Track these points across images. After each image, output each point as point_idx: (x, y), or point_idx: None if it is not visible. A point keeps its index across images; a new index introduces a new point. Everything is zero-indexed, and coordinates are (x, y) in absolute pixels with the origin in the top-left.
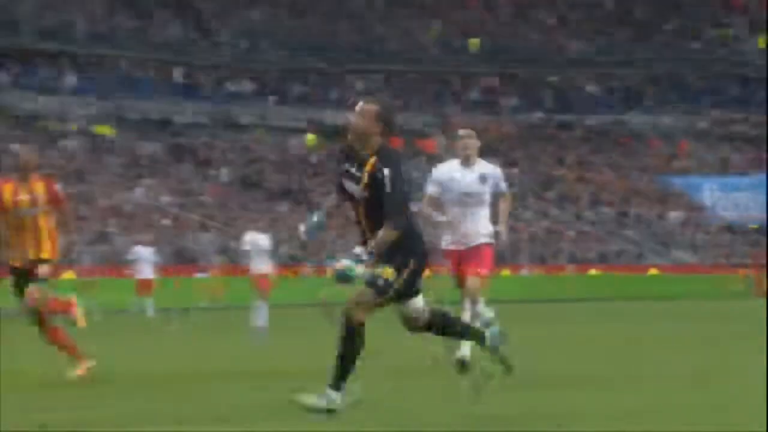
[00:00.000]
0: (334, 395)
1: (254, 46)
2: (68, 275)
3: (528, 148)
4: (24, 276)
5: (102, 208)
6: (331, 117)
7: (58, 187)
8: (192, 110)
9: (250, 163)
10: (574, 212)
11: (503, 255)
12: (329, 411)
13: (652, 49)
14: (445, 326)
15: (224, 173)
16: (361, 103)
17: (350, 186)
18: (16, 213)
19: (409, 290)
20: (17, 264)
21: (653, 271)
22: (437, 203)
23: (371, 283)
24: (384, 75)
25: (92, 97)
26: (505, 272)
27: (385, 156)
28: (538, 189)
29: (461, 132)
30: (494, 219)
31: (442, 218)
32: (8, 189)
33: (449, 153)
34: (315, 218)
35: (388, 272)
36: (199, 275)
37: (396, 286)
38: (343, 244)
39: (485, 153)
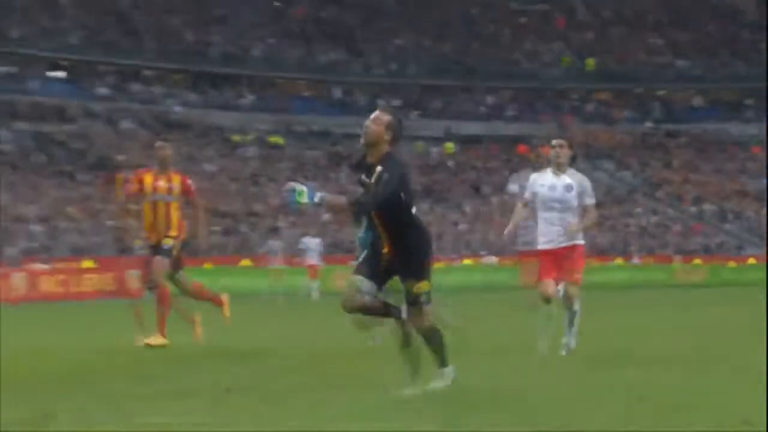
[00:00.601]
0: (449, 369)
1: (401, 67)
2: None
3: (639, 154)
4: (156, 253)
5: (274, 207)
6: (466, 128)
7: (190, 182)
8: (348, 123)
9: None
10: (680, 209)
11: (616, 247)
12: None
13: (750, 66)
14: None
15: None
16: (377, 112)
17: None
18: (153, 198)
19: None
20: (153, 242)
21: (752, 261)
22: (530, 207)
23: (416, 301)
24: (512, 91)
25: (266, 113)
26: (618, 261)
27: (388, 162)
28: (648, 189)
29: (554, 142)
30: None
31: (520, 218)
32: (149, 177)
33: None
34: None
35: (425, 286)
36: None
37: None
38: None
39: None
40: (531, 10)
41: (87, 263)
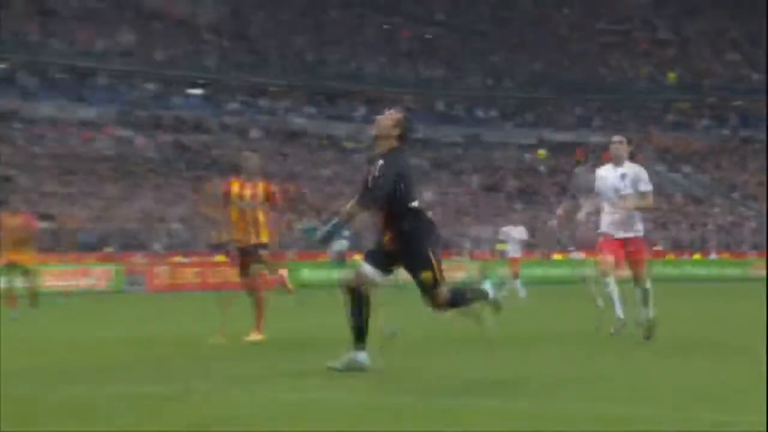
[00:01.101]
0: (492, 296)
1: (497, 81)
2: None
3: (716, 159)
4: (247, 256)
5: None
6: (557, 136)
7: (274, 188)
8: (449, 132)
9: (493, 171)
10: (755, 208)
11: (694, 243)
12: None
13: None
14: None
15: (474, 180)
16: (390, 110)
17: (375, 169)
18: (240, 204)
19: (442, 274)
20: (241, 246)
21: None
22: (597, 197)
23: (425, 287)
24: (599, 103)
25: None
26: (697, 256)
27: (390, 157)
28: (725, 191)
29: (613, 138)
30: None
31: (587, 209)
32: (236, 185)
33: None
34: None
35: (428, 275)
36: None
37: (438, 278)
38: None
39: (681, 162)
40: (615, 30)
41: (220, 257)
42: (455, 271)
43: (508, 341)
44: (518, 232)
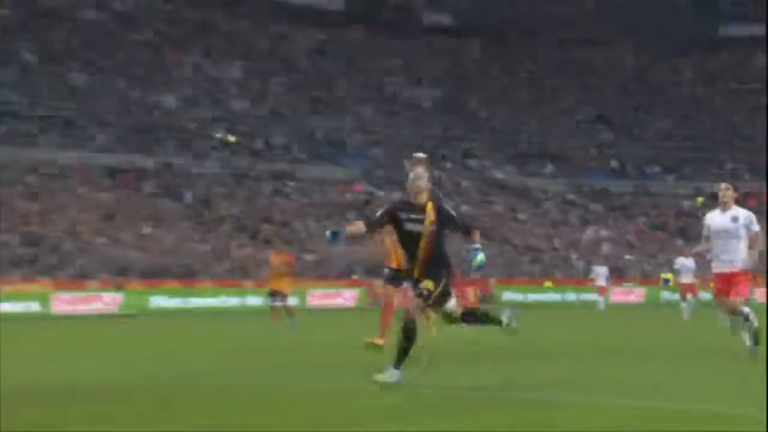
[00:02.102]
0: (393, 372)
1: (660, 142)
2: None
3: None
4: (399, 277)
5: (565, 244)
6: (708, 187)
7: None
8: (622, 185)
9: (658, 214)
10: None
11: None
12: (387, 383)
13: None
14: (474, 319)
15: (641, 221)
16: (419, 170)
17: (414, 226)
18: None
19: (444, 296)
20: (395, 266)
21: None
22: (707, 239)
23: (419, 293)
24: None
25: (563, 179)
26: None
27: (439, 198)
28: None
29: (722, 185)
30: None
31: (700, 248)
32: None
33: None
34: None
35: (429, 285)
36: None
37: (435, 293)
38: None
39: None
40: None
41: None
42: (627, 295)
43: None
44: (690, 262)
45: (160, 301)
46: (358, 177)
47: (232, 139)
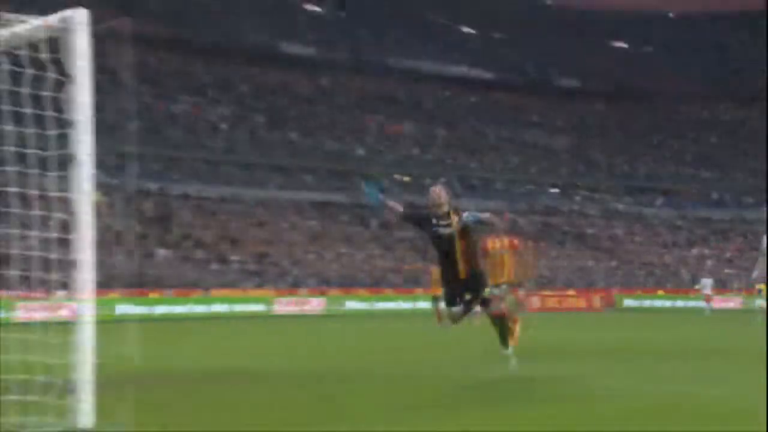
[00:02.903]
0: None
1: (757, 177)
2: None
3: None
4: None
5: (676, 258)
6: None
7: (516, 241)
8: (722, 213)
9: (753, 237)
10: None
11: None
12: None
13: None
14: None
15: (739, 241)
16: (438, 186)
17: (444, 229)
18: (493, 253)
19: (485, 301)
20: (497, 282)
21: None
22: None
23: (487, 301)
24: None
25: (672, 209)
26: None
27: (458, 207)
28: None
29: None
30: None
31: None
32: (490, 241)
33: None
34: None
35: (487, 293)
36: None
37: (480, 302)
38: None
39: None
40: None
41: (570, 291)
42: (727, 302)
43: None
44: None
45: (353, 305)
46: (505, 208)
47: (405, 179)
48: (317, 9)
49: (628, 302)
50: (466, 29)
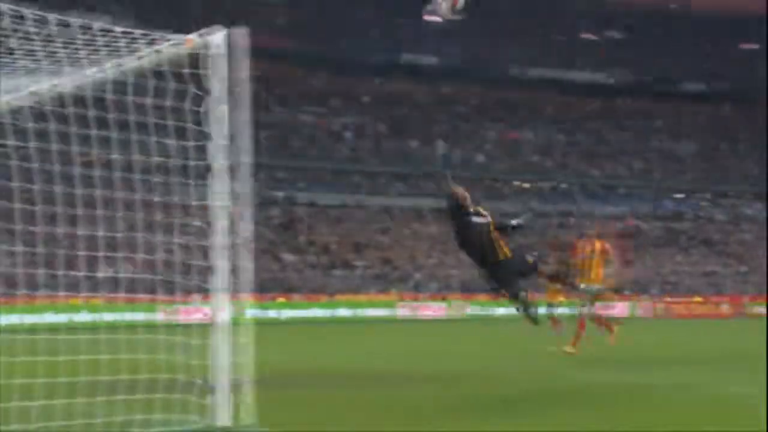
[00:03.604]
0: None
1: None
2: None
3: None
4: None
5: None
6: None
7: (608, 245)
8: None
9: None
10: None
11: None
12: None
13: None
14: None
15: None
16: (459, 188)
17: (478, 220)
18: (582, 257)
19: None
20: (582, 285)
21: None
22: None
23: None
24: None
25: None
26: None
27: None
28: None
29: None
30: None
31: None
32: (581, 243)
33: None
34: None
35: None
36: None
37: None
38: None
39: None
40: None
41: (696, 298)
42: None
43: None
44: None
45: (475, 310)
46: (628, 214)
47: (525, 186)
48: (438, 19)
49: (760, 309)
50: (587, 35)
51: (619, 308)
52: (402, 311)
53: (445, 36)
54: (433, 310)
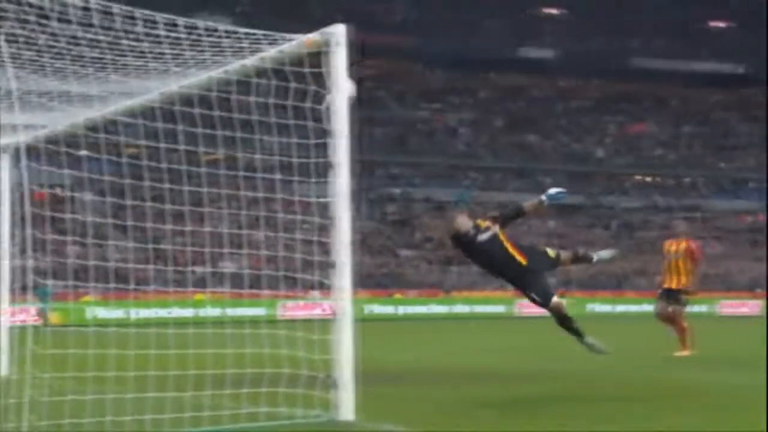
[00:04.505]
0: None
1: None
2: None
3: None
4: (669, 296)
5: None
6: None
7: (694, 245)
8: None
9: None
10: None
11: None
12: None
13: None
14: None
15: None
16: (458, 216)
17: (484, 236)
18: (668, 257)
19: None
20: (666, 286)
21: None
22: None
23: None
24: None
25: None
26: None
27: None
28: None
29: None
30: None
31: None
32: (668, 243)
33: None
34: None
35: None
36: None
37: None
38: None
39: None
40: None
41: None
42: None
43: None
44: None
45: (594, 307)
46: (759, 209)
47: (648, 179)
48: (555, 12)
49: None
50: (714, 23)
51: (750, 306)
52: (520, 309)
53: (563, 29)
54: None
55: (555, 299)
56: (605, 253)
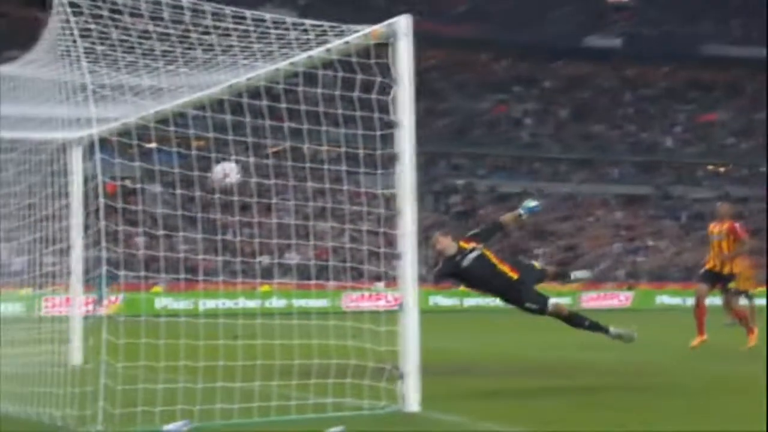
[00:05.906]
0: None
1: None
2: None
3: None
4: (710, 277)
5: None
6: None
7: (737, 226)
8: None
9: None
10: None
11: None
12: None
13: None
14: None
15: None
16: (441, 238)
17: (471, 256)
18: (711, 238)
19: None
20: (709, 267)
21: None
22: None
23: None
24: None
25: None
26: None
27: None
28: None
29: None
30: None
31: None
32: (712, 225)
33: None
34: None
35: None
36: None
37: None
38: None
39: None
40: None
41: None
42: None
43: None
44: None
45: (664, 299)
46: None
47: (721, 169)
48: (622, 0)
49: None
50: None
51: None
52: (585, 302)
53: (630, 17)
54: (618, 299)
55: (551, 302)
56: (581, 274)
